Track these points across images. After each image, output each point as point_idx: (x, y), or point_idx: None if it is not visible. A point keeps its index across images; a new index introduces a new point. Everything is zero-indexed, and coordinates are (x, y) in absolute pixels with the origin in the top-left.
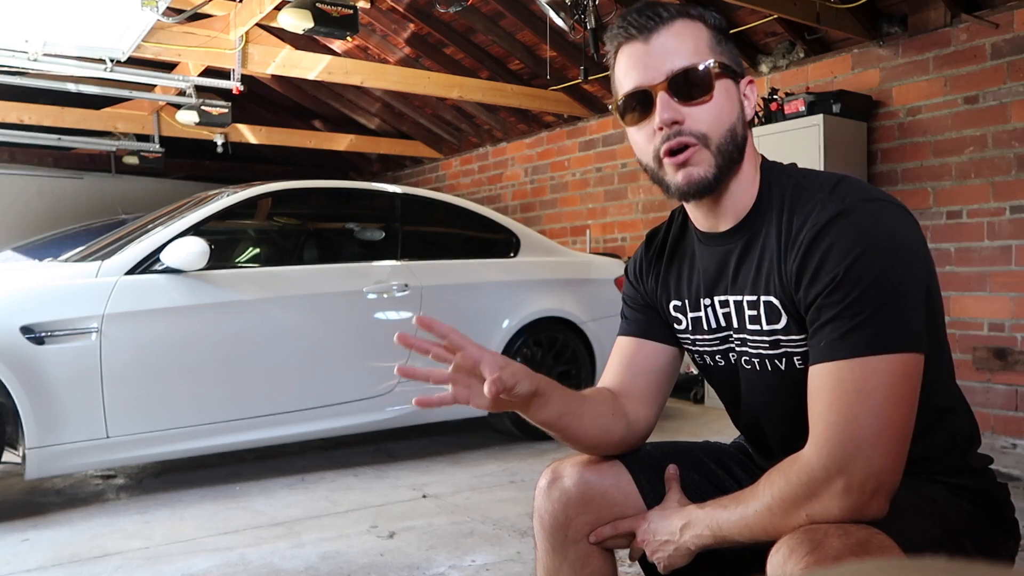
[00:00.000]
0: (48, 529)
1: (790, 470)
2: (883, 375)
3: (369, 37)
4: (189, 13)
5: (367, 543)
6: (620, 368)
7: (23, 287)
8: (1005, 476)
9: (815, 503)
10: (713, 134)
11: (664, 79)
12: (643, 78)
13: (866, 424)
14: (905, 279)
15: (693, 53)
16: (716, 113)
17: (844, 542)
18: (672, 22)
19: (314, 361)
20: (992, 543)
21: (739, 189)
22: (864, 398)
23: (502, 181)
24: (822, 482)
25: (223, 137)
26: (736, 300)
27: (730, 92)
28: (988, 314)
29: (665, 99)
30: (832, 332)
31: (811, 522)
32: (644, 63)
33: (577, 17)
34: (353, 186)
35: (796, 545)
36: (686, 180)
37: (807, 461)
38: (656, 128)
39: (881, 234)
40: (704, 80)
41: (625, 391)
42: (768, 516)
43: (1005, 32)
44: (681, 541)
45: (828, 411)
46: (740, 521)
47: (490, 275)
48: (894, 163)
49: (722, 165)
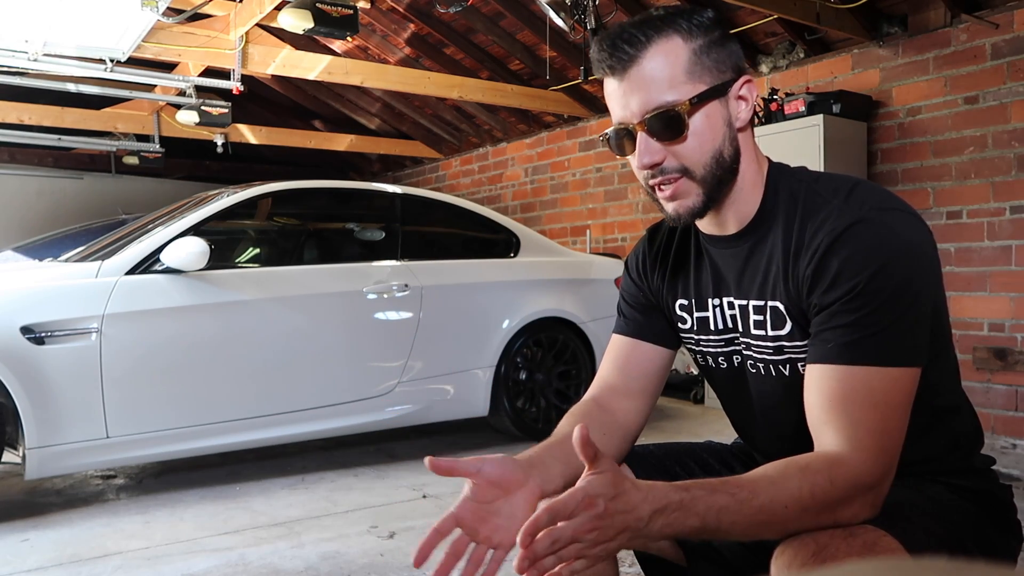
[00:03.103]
0: (48, 529)
1: (835, 471)
2: (903, 389)
3: (369, 37)
4: (189, 13)
5: (367, 543)
6: (615, 369)
7: (23, 287)
8: (1005, 476)
9: (849, 507)
10: (695, 166)
11: (640, 120)
12: (623, 115)
13: (896, 438)
14: (921, 292)
15: (667, 87)
16: (696, 146)
17: (851, 544)
18: (644, 51)
19: (314, 361)
20: (994, 544)
21: (741, 197)
22: (893, 411)
23: (502, 181)
24: (867, 488)
25: (223, 137)
26: (742, 304)
27: (712, 117)
28: (988, 314)
29: (643, 140)
30: (848, 335)
31: (835, 523)
32: (623, 100)
33: (577, 17)
34: (353, 186)
35: (800, 547)
36: (675, 212)
37: (856, 465)
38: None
39: (901, 246)
40: (677, 120)
41: (619, 392)
42: (797, 512)
43: (1005, 32)
44: (648, 529)
45: (866, 417)
46: (758, 515)
47: (490, 275)
48: (894, 163)
49: (709, 192)
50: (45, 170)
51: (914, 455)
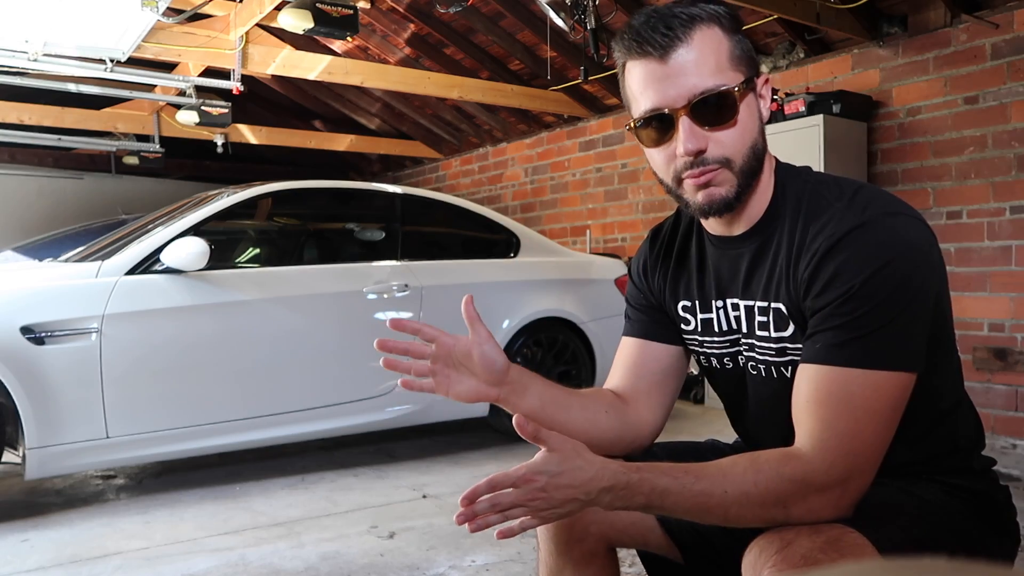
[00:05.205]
0: (48, 529)
1: (784, 466)
2: (889, 394)
3: (369, 37)
4: (189, 13)
5: (367, 543)
6: (624, 370)
7: (23, 287)
8: (1005, 476)
9: (802, 504)
10: (736, 156)
11: (686, 103)
12: (662, 100)
13: (869, 442)
14: (918, 297)
15: (715, 71)
16: (740, 135)
17: (814, 541)
18: (690, 35)
19: (314, 361)
20: (987, 545)
21: (754, 197)
22: (871, 416)
23: (502, 181)
24: (819, 487)
25: (223, 137)
26: (747, 305)
27: (752, 107)
28: (988, 314)
29: (688, 125)
30: (836, 337)
31: (787, 519)
32: (663, 84)
33: (577, 17)
34: (353, 186)
35: (766, 544)
36: (707, 200)
37: (809, 463)
38: (677, 153)
39: (901, 249)
40: (730, 104)
41: (629, 393)
42: (742, 502)
43: (1005, 32)
44: (597, 501)
45: (836, 419)
46: (698, 498)
47: (490, 275)
48: (894, 163)
49: (744, 184)
50: (45, 170)
51: (913, 456)
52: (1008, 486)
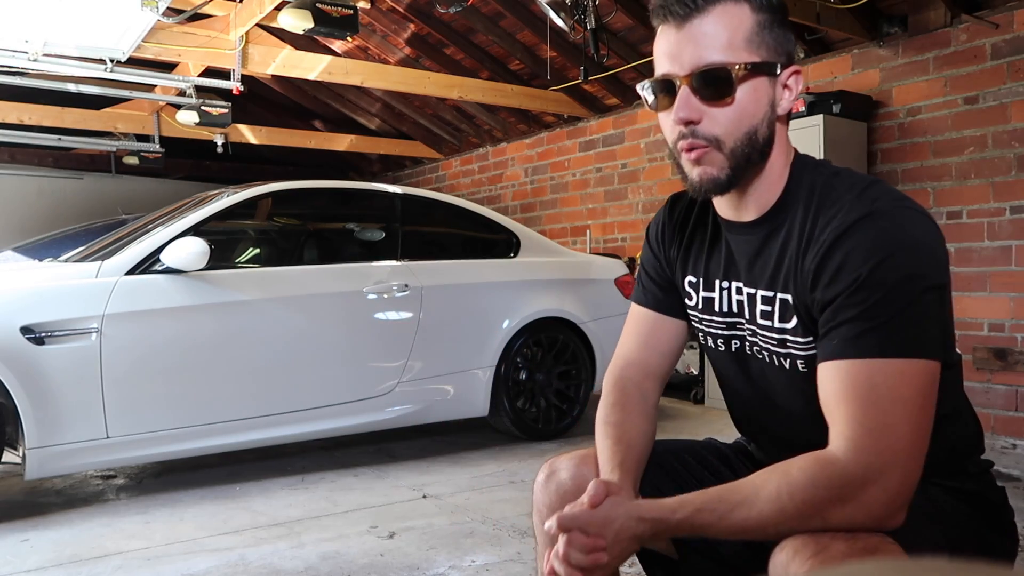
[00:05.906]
0: (48, 529)
1: (818, 472)
2: (914, 382)
3: (369, 37)
4: (189, 13)
5: (367, 543)
6: (639, 343)
7: (23, 287)
8: (1005, 476)
9: (840, 509)
10: (727, 138)
11: (687, 73)
12: (670, 67)
13: (903, 435)
14: (927, 287)
15: (725, 47)
16: (736, 116)
17: (851, 546)
18: (711, 6)
19: (314, 361)
20: (989, 545)
21: (764, 185)
22: (899, 407)
23: (502, 181)
24: (856, 489)
25: (223, 137)
26: (751, 292)
27: (759, 91)
28: (988, 314)
29: (685, 95)
30: (851, 330)
31: (826, 527)
32: (673, 51)
33: (577, 17)
34: (353, 186)
35: (801, 546)
36: (699, 178)
37: (841, 464)
38: (673, 120)
39: (907, 239)
40: (726, 82)
41: (643, 369)
42: (779, 519)
43: (1005, 32)
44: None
45: (863, 414)
46: (736, 526)
47: (490, 275)
48: (894, 163)
49: (736, 167)
50: (45, 170)
51: None
52: (1004, 487)
